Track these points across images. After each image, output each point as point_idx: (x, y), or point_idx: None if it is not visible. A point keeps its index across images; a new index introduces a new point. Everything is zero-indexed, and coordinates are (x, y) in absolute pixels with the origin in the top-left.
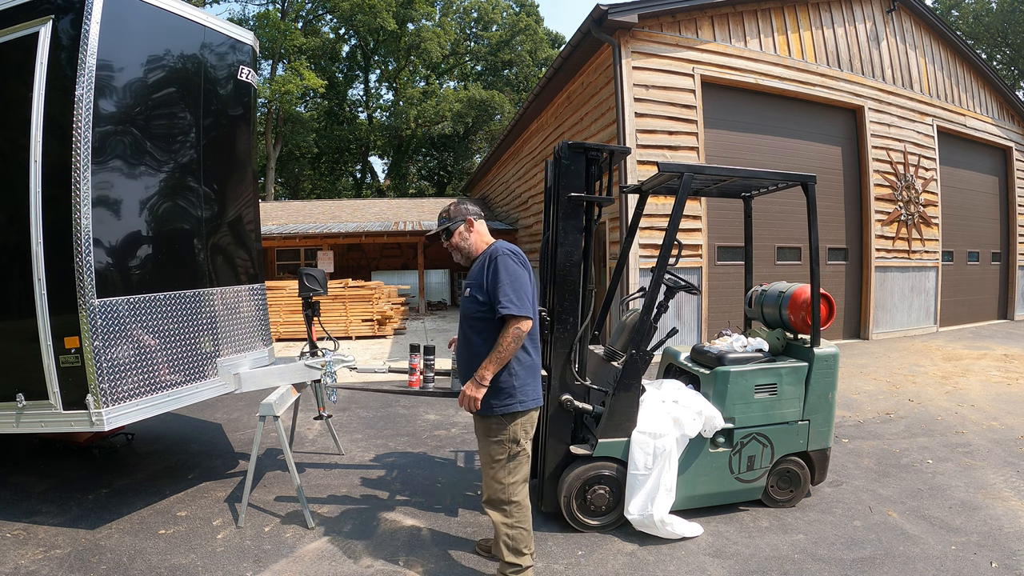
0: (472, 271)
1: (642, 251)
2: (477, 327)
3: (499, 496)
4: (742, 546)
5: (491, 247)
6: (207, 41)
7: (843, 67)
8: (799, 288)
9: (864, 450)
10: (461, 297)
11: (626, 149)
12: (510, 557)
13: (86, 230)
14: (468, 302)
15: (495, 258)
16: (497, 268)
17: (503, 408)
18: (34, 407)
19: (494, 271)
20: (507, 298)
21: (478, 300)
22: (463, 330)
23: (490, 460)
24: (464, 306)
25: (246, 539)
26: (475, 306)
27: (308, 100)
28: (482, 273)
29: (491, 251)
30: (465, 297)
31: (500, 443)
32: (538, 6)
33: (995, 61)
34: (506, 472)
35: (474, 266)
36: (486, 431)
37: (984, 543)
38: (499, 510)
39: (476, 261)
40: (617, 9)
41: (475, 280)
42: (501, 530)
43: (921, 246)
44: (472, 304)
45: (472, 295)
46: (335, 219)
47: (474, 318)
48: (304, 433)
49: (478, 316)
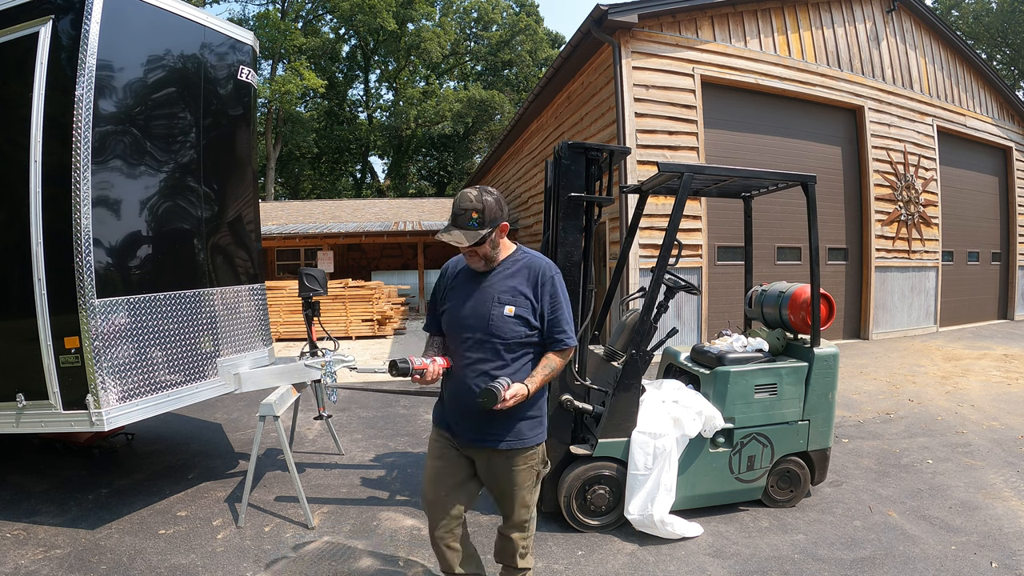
0: (502, 282)
1: (642, 251)
2: (515, 351)
3: (525, 518)
4: (742, 546)
5: (526, 256)
6: (207, 41)
7: (843, 67)
8: (799, 288)
9: (864, 450)
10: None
11: (626, 149)
12: (524, 563)
13: (86, 230)
14: (512, 323)
15: (551, 278)
16: (556, 292)
17: (537, 439)
18: (34, 407)
19: (553, 295)
20: (570, 327)
21: (528, 323)
22: (482, 352)
23: (518, 489)
24: (499, 325)
25: (246, 539)
26: (523, 329)
27: (308, 100)
28: (532, 291)
29: (533, 264)
30: (507, 317)
31: (531, 469)
32: (538, 6)
33: (995, 61)
34: (533, 495)
35: (502, 276)
36: (512, 463)
37: (984, 543)
38: (522, 530)
39: (502, 269)
40: (617, 9)
41: (519, 298)
42: (518, 544)
43: (921, 246)
44: (520, 327)
45: (519, 315)
46: (335, 219)
47: (517, 343)
48: (304, 433)
49: (522, 341)
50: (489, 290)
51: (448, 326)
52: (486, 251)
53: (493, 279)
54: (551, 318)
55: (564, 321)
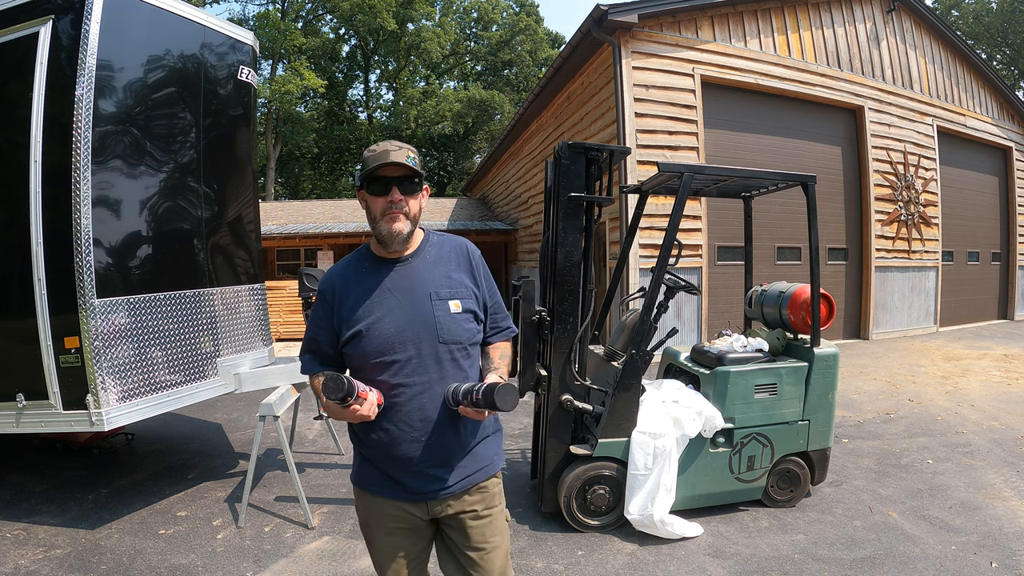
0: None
1: (642, 251)
2: (470, 356)
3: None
4: (742, 546)
5: (441, 237)
6: (207, 41)
7: (843, 67)
8: (799, 288)
9: (864, 450)
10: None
11: (626, 149)
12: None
13: (86, 230)
14: (462, 321)
15: (480, 257)
16: (488, 273)
17: (502, 459)
18: (34, 407)
19: (487, 276)
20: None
21: (476, 317)
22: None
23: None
24: (450, 328)
25: (246, 539)
26: (473, 326)
27: (308, 100)
28: (470, 277)
29: (456, 244)
30: (456, 315)
31: (502, 511)
32: (538, 6)
33: (995, 61)
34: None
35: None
36: (489, 500)
37: (984, 543)
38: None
39: (421, 255)
40: (617, 9)
41: (460, 288)
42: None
43: (921, 246)
44: (470, 323)
45: (468, 310)
46: (335, 219)
47: (471, 344)
48: (304, 433)
49: (474, 342)
50: (417, 287)
51: (373, 350)
52: (417, 208)
53: (415, 271)
54: (493, 304)
55: (504, 306)
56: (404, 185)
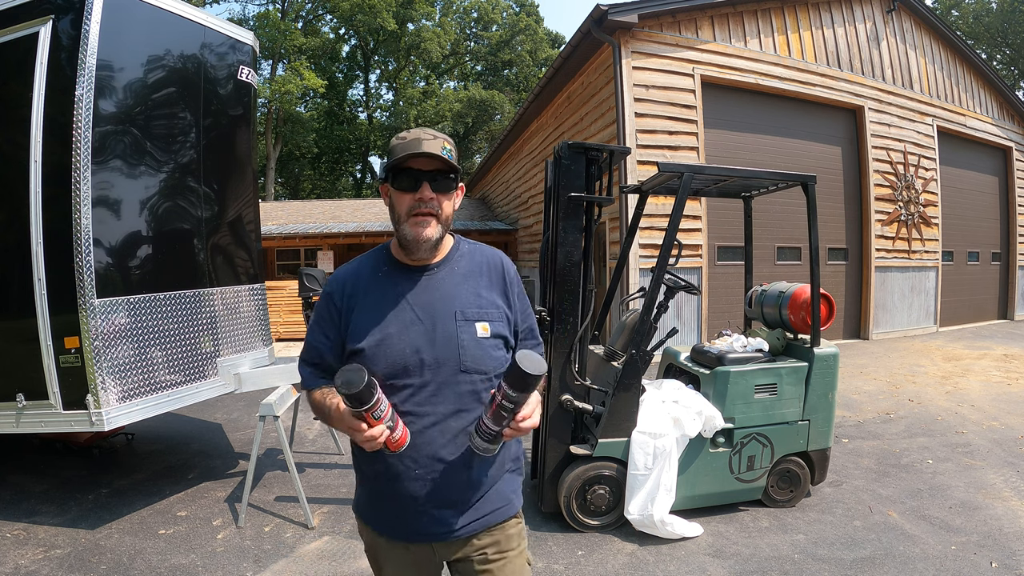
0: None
1: (642, 251)
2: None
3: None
4: (742, 546)
5: (473, 247)
6: (207, 41)
7: (843, 67)
8: (799, 288)
9: (864, 450)
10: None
11: (626, 149)
12: None
13: (86, 230)
14: (490, 348)
15: (515, 272)
16: (523, 292)
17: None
18: (34, 407)
19: (521, 295)
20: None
21: (507, 344)
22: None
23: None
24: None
25: (246, 539)
26: (502, 354)
27: (308, 100)
28: (502, 296)
29: (490, 257)
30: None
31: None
32: (538, 6)
33: (995, 61)
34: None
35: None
36: (505, 543)
37: (984, 543)
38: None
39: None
40: (617, 9)
41: (490, 309)
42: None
43: (921, 246)
44: (499, 351)
45: (497, 335)
46: (335, 219)
47: (497, 376)
48: (304, 433)
49: (500, 373)
50: (441, 304)
51: (381, 370)
52: (450, 210)
53: (440, 284)
54: (525, 328)
55: (537, 331)
56: (437, 181)
